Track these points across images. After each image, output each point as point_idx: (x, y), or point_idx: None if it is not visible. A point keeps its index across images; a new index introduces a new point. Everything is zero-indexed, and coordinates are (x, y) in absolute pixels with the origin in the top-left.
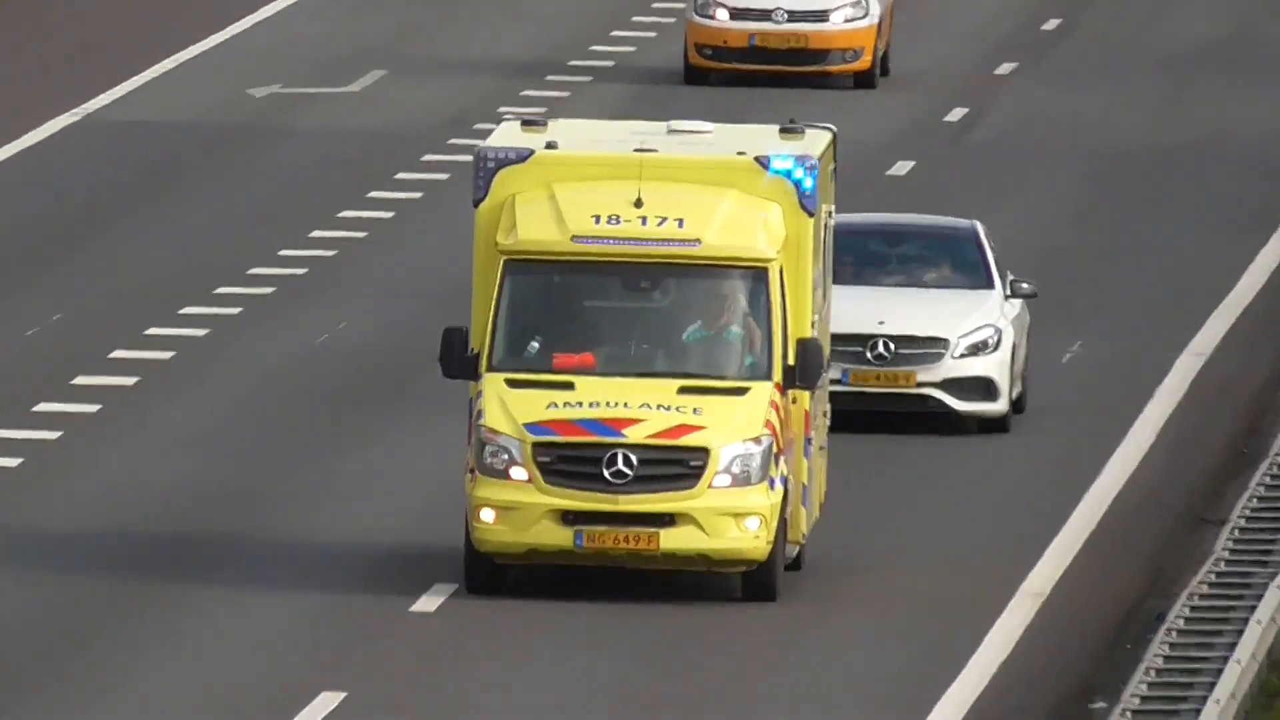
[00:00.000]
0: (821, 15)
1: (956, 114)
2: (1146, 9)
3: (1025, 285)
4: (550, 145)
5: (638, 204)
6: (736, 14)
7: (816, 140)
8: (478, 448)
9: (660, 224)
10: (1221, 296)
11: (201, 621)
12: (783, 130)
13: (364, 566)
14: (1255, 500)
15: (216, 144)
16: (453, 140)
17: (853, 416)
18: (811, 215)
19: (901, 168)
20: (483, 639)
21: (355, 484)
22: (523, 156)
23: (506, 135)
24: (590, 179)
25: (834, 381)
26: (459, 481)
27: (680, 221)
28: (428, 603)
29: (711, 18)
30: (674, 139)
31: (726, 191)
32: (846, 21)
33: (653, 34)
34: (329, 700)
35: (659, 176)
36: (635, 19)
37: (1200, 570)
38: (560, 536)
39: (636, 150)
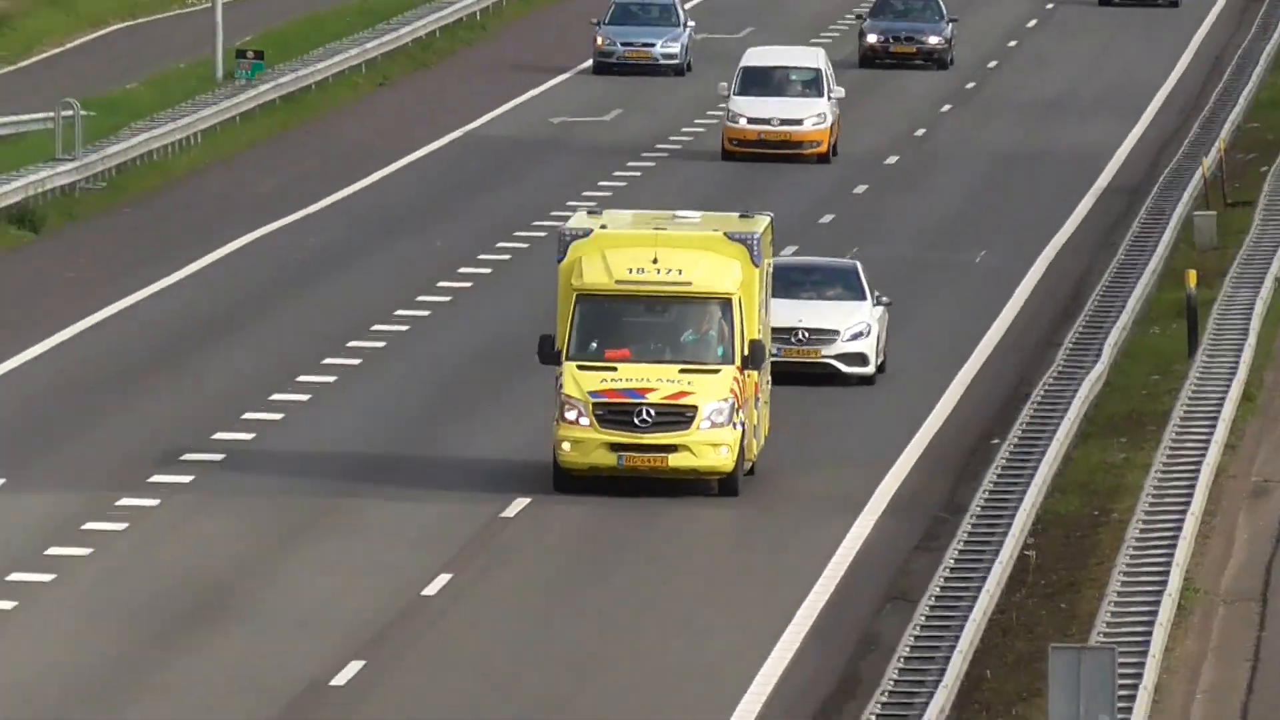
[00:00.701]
0: (798, 122)
1: (920, 132)
2: (1019, 78)
3: (885, 299)
4: (603, 226)
5: (654, 261)
6: (751, 121)
7: (760, 222)
8: (560, 405)
9: (668, 273)
10: (1057, 229)
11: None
12: (740, 216)
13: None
14: (1078, 334)
15: (528, 151)
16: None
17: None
18: (757, 267)
19: (892, 159)
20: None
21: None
22: (586, 233)
23: (578, 219)
24: (626, 246)
25: (772, 356)
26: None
27: (680, 271)
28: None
29: (737, 123)
30: (677, 222)
31: (707, 253)
32: (813, 126)
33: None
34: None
35: (667, 245)
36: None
37: (1050, 370)
38: (609, 459)
39: (654, 229)
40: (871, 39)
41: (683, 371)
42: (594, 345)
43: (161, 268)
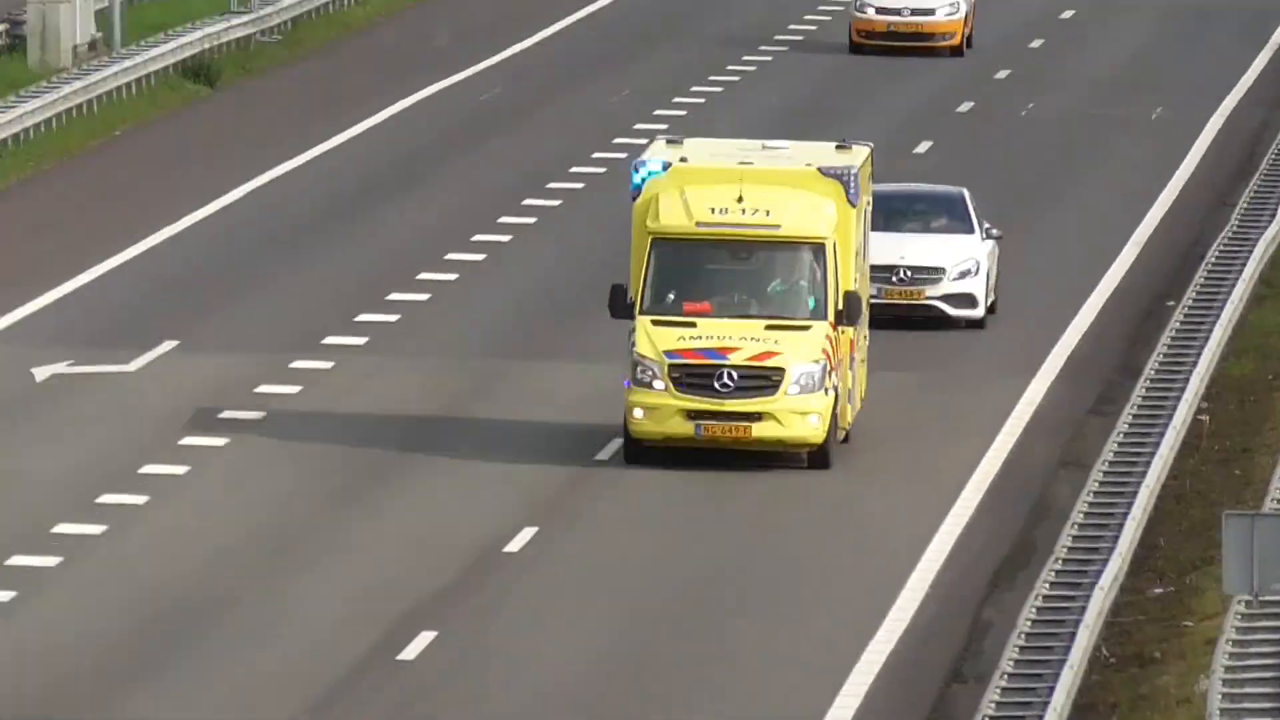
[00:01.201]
0: (930, 11)
1: (965, 106)
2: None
3: (995, 231)
4: (683, 159)
5: (739, 200)
6: (880, 10)
7: (859, 154)
8: (632, 366)
9: (754, 214)
10: (1231, 86)
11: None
12: (837, 147)
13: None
14: (1253, 193)
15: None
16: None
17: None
18: (854, 206)
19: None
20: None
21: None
22: (664, 168)
23: (655, 151)
24: (709, 183)
25: (871, 297)
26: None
27: (768, 212)
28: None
29: (864, 13)
30: (765, 154)
31: (798, 191)
32: (945, 16)
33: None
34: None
35: (754, 181)
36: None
37: (1225, 230)
38: (686, 428)
39: (740, 163)
40: None
41: (769, 328)
42: (671, 297)
43: (335, 123)
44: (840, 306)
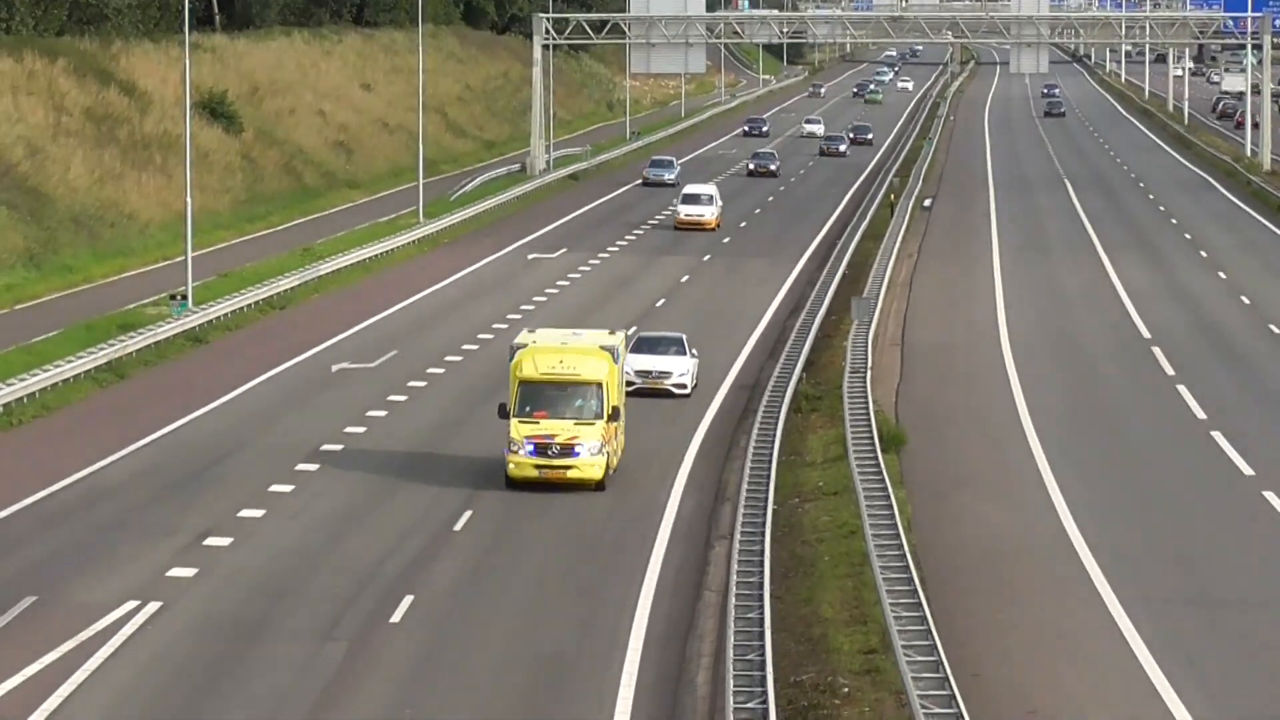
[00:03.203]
0: (702, 214)
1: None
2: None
3: (696, 353)
4: (534, 341)
5: (561, 361)
6: (686, 214)
7: (619, 337)
8: (509, 442)
9: (569, 369)
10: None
11: None
12: (610, 332)
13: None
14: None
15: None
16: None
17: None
18: (617, 363)
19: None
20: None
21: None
22: (523, 345)
23: (521, 337)
24: (545, 353)
25: (635, 385)
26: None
27: (574, 368)
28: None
29: (680, 213)
30: (574, 338)
31: (589, 356)
32: (711, 215)
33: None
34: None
35: (568, 352)
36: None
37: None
38: (534, 473)
39: (561, 343)
40: None
41: (575, 424)
42: (528, 409)
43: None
44: (609, 413)
